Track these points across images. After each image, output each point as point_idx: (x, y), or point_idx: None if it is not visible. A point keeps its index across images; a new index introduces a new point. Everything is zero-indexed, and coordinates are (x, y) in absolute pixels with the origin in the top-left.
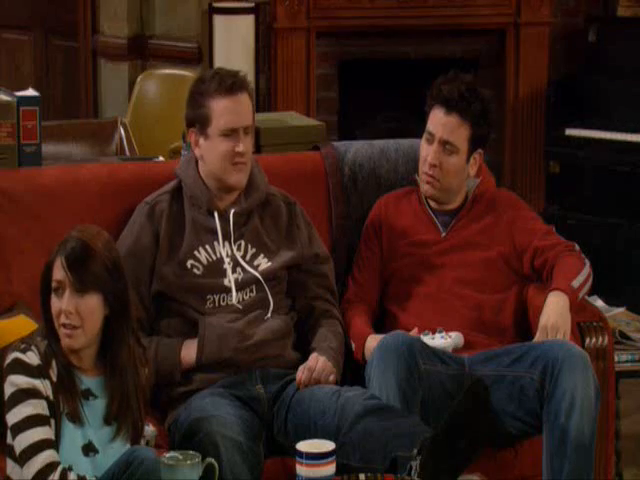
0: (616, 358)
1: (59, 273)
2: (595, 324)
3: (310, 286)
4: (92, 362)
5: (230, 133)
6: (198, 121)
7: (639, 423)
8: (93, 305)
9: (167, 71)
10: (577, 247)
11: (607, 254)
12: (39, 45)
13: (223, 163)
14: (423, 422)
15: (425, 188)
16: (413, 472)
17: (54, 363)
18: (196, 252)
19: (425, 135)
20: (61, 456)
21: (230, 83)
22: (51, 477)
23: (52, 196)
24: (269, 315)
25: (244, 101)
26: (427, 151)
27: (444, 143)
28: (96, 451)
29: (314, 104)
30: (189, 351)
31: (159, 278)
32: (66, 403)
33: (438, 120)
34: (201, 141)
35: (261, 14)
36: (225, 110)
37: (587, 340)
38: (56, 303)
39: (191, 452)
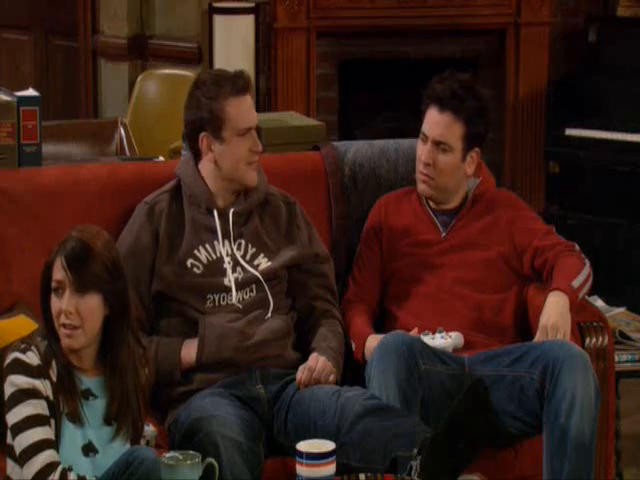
0: (616, 358)
1: (59, 273)
2: (595, 324)
3: (310, 286)
4: (92, 362)
5: (245, 132)
6: (209, 125)
7: (639, 423)
8: (93, 305)
9: (167, 71)
10: (577, 247)
11: (607, 254)
12: (39, 45)
13: (240, 164)
14: (423, 422)
15: (421, 188)
16: (413, 472)
17: (54, 363)
18: (196, 251)
19: (420, 135)
20: (61, 456)
21: (242, 83)
22: (51, 477)
23: (52, 196)
24: (269, 315)
25: (251, 100)
26: (422, 150)
27: (437, 143)
28: (96, 451)
29: (314, 104)
30: (189, 351)
31: (159, 278)
32: (66, 403)
33: (432, 119)
34: (215, 145)
35: (261, 14)
36: (240, 110)
37: (587, 340)
38: (56, 303)
39: (191, 452)
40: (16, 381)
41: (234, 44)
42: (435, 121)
